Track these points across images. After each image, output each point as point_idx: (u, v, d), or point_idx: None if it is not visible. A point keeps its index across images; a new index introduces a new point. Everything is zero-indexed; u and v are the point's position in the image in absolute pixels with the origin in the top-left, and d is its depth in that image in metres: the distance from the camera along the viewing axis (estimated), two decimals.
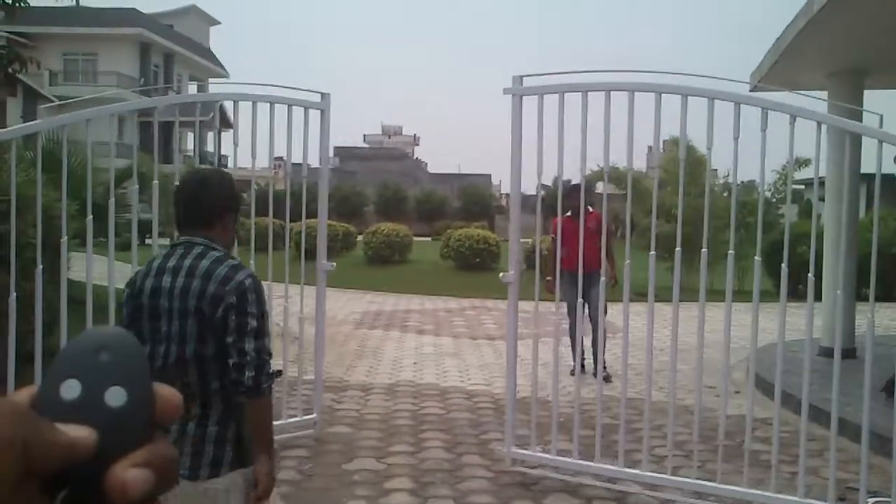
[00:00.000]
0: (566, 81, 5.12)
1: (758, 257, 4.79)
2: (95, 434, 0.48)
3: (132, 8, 42.15)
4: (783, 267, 4.63)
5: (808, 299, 4.62)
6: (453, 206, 40.89)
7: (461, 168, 61.64)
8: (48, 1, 17.05)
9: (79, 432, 0.47)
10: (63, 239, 5.01)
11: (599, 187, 9.69)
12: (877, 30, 7.52)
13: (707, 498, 4.90)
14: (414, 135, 70.46)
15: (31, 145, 6.39)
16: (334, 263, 6.35)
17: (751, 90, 7.71)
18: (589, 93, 4.95)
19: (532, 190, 5.54)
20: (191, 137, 35.53)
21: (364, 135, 68.02)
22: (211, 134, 41.71)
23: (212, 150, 41.50)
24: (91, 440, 0.47)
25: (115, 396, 0.49)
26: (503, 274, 5.41)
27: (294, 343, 6.29)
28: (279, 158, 8.82)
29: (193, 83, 45.71)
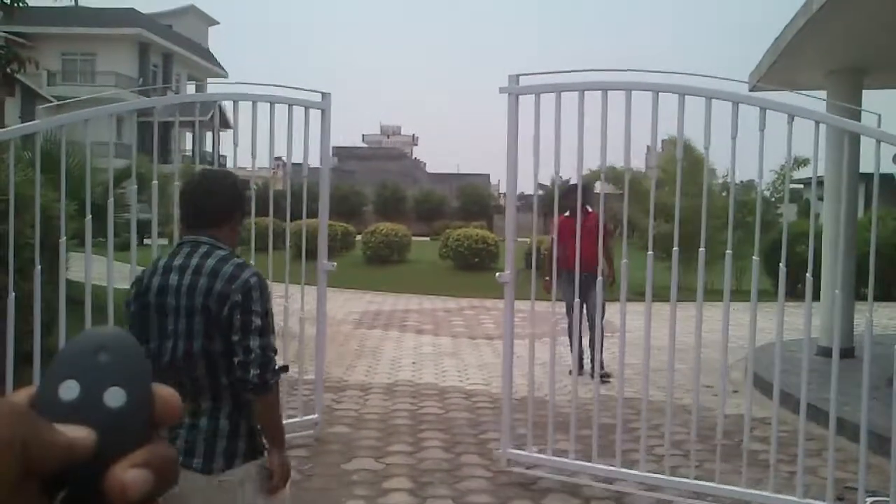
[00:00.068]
0: (563, 81, 5.11)
1: (756, 257, 4.79)
2: (94, 434, 0.48)
3: (131, 8, 42.12)
4: (781, 266, 4.63)
5: (807, 299, 4.62)
6: (452, 206, 40.92)
7: (460, 168, 61.65)
8: (47, 1, 17.04)
9: (78, 433, 0.47)
10: (62, 239, 5.00)
11: (598, 187, 9.68)
12: (876, 28, 7.52)
13: (705, 498, 4.90)
14: (413, 135, 70.48)
15: (30, 145, 6.39)
16: (335, 263, 6.33)
17: (750, 90, 7.72)
18: (586, 92, 4.94)
19: (531, 189, 5.55)
20: (189, 137, 35.57)
21: (363, 134, 68.05)
22: (209, 134, 41.79)
23: (210, 150, 41.61)
24: (90, 441, 0.47)
25: (114, 397, 0.49)
26: (499, 274, 5.40)
27: (294, 340, 6.28)
28: (278, 158, 8.82)
29: (192, 83, 45.68)
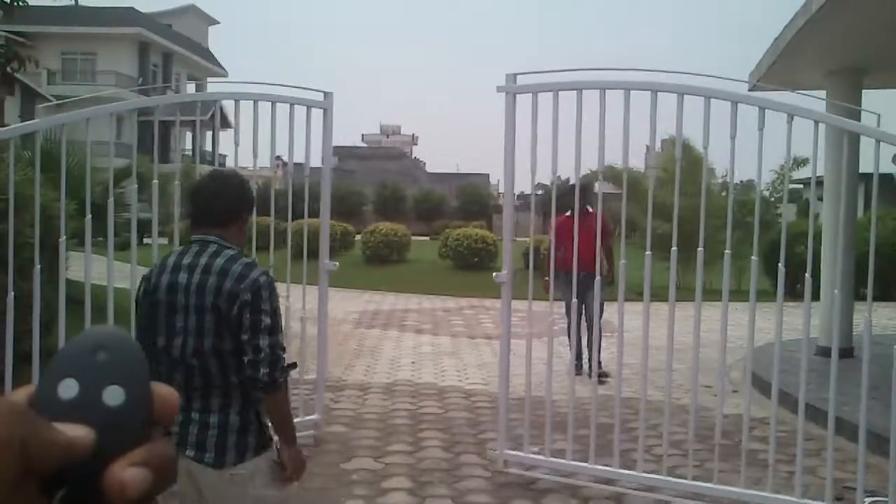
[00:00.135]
0: (560, 80, 5.09)
1: (755, 257, 4.80)
2: (93, 433, 0.48)
3: (131, 7, 42.11)
4: (780, 266, 4.63)
5: (806, 298, 4.62)
6: (451, 206, 40.89)
7: (459, 168, 61.48)
8: (47, 0, 17.04)
9: (77, 431, 0.47)
10: (61, 238, 5.00)
11: (597, 186, 9.66)
12: (876, 28, 7.52)
13: (704, 498, 4.90)
14: (412, 134, 70.46)
15: (30, 144, 6.38)
16: (337, 263, 6.32)
17: (749, 90, 7.72)
18: (585, 91, 4.93)
19: (531, 189, 5.54)
20: (189, 137, 35.55)
21: (362, 134, 68.00)
22: (210, 133, 41.80)
23: (210, 150, 41.59)
24: (89, 439, 0.48)
25: (113, 396, 0.49)
26: (496, 274, 5.36)
27: (295, 340, 6.27)
28: (278, 158, 8.81)
29: (192, 82, 45.70)
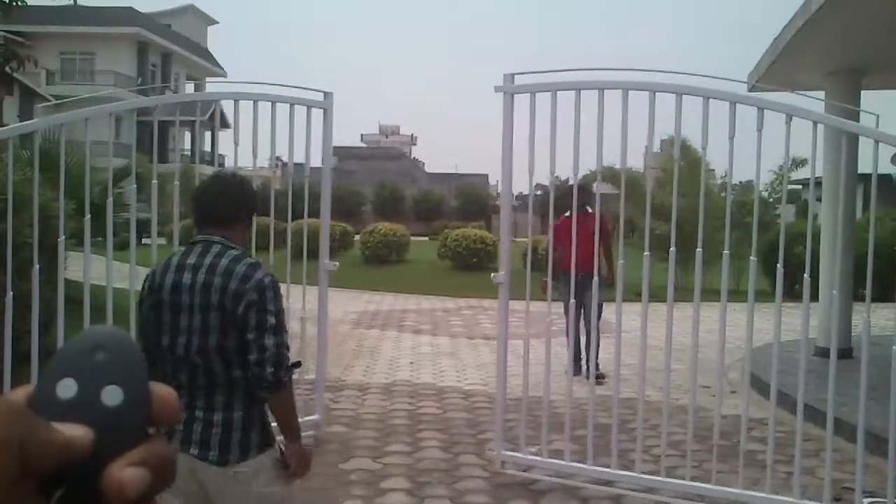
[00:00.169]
0: (558, 80, 5.07)
1: (754, 257, 4.80)
2: (92, 433, 0.48)
3: (130, 7, 42.10)
4: (779, 267, 4.63)
5: (804, 299, 4.62)
6: (451, 206, 40.89)
7: (458, 168, 61.55)
8: (45, 0, 17.04)
9: (75, 431, 0.47)
10: (60, 238, 5.00)
11: (595, 186, 9.67)
12: (875, 28, 7.52)
13: (703, 499, 4.89)
14: (411, 134, 70.50)
15: (28, 144, 6.38)
16: (337, 263, 6.32)
17: (749, 90, 7.72)
18: (583, 92, 4.91)
19: (533, 189, 5.53)
20: (186, 137, 35.53)
21: (361, 134, 68.03)
22: (208, 133, 41.78)
23: (209, 150, 41.59)
24: (87, 439, 0.48)
25: (112, 395, 0.49)
26: (494, 274, 5.32)
27: (295, 340, 6.27)
28: (277, 158, 8.80)
29: (190, 83, 45.69)
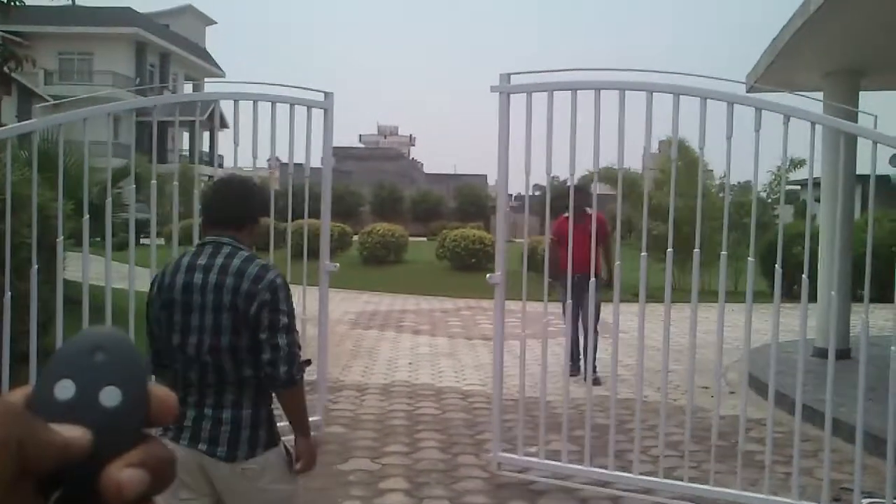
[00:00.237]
0: (555, 80, 5.05)
1: (752, 258, 4.80)
2: (90, 434, 0.48)
3: (128, 7, 42.07)
4: (777, 267, 4.63)
5: (802, 300, 4.62)
6: (449, 207, 40.87)
7: (457, 168, 61.69)
8: (44, 0, 17.03)
9: (73, 432, 0.47)
10: (59, 238, 4.99)
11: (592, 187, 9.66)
12: (874, 29, 7.52)
13: (701, 500, 4.89)
14: (410, 135, 70.54)
15: (27, 144, 6.38)
16: (337, 264, 6.32)
17: (747, 90, 7.72)
18: (580, 91, 4.89)
19: (533, 190, 5.52)
20: (185, 137, 35.51)
21: (360, 135, 68.03)
22: (206, 133, 41.73)
23: (208, 150, 41.55)
24: (85, 440, 0.47)
25: (110, 396, 0.49)
26: (490, 275, 5.30)
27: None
28: (276, 159, 8.81)
29: (189, 83, 45.65)
